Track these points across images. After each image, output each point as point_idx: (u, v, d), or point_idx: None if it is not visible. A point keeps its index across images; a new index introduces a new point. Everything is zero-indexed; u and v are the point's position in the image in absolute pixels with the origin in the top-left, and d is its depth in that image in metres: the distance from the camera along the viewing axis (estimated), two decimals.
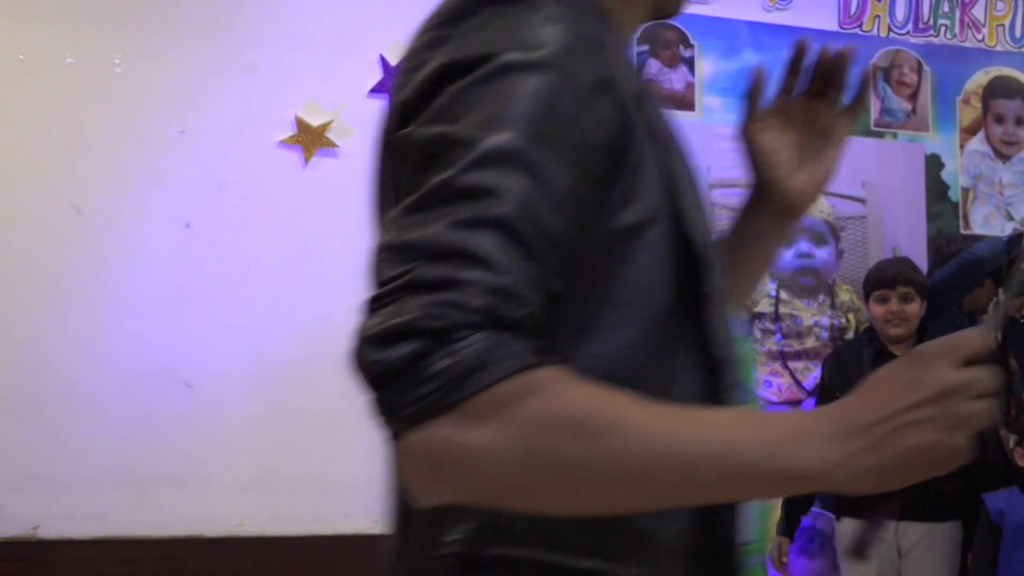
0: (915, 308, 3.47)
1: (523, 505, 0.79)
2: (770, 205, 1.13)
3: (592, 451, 0.75)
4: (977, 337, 0.81)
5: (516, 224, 0.77)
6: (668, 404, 0.81)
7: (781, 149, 1.12)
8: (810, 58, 1.11)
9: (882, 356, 3.47)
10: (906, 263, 3.68)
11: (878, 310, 3.50)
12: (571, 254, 0.81)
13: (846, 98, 1.13)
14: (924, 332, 3.48)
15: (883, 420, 0.77)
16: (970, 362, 0.80)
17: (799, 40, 1.11)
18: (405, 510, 0.88)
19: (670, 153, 0.91)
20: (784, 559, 3.48)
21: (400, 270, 0.76)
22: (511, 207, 0.77)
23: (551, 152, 0.79)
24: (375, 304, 0.77)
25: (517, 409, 0.74)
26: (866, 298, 3.61)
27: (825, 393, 3.59)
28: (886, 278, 3.51)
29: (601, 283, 0.85)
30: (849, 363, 3.53)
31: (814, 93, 1.12)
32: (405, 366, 0.73)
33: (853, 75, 1.12)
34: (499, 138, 0.78)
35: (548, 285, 0.79)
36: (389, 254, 0.78)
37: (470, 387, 0.73)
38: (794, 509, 3.43)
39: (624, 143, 0.84)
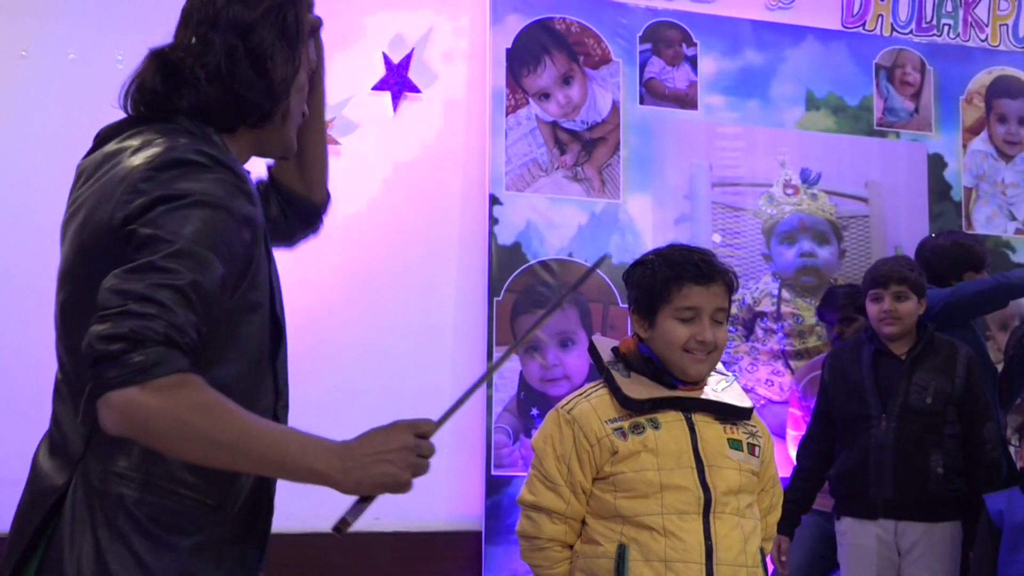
0: (910, 307, 3.44)
1: (170, 449, 1.39)
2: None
3: (212, 427, 1.37)
4: (429, 424, 1.51)
5: (186, 290, 1.37)
6: (257, 414, 1.45)
7: None
8: None
9: (881, 355, 3.45)
10: (902, 261, 3.65)
11: (873, 309, 3.48)
12: (217, 314, 1.43)
13: None
14: (923, 330, 3.47)
15: (366, 455, 1.46)
16: (422, 436, 1.49)
17: None
18: (88, 440, 1.47)
19: (271, 264, 1.59)
20: (784, 557, 3.47)
21: (119, 303, 1.35)
22: (185, 280, 1.37)
23: (212, 254, 1.41)
24: (103, 319, 1.34)
25: (176, 392, 1.35)
26: (863, 297, 3.59)
27: (825, 392, 3.57)
28: (879, 277, 3.48)
29: (230, 333, 1.50)
30: (849, 363, 3.51)
31: None
32: (117, 355, 1.33)
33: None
34: (184, 242, 1.39)
35: (199, 328, 1.39)
36: (112, 294, 1.36)
37: (151, 374, 1.33)
38: (794, 508, 3.41)
39: (252, 255, 1.50)
